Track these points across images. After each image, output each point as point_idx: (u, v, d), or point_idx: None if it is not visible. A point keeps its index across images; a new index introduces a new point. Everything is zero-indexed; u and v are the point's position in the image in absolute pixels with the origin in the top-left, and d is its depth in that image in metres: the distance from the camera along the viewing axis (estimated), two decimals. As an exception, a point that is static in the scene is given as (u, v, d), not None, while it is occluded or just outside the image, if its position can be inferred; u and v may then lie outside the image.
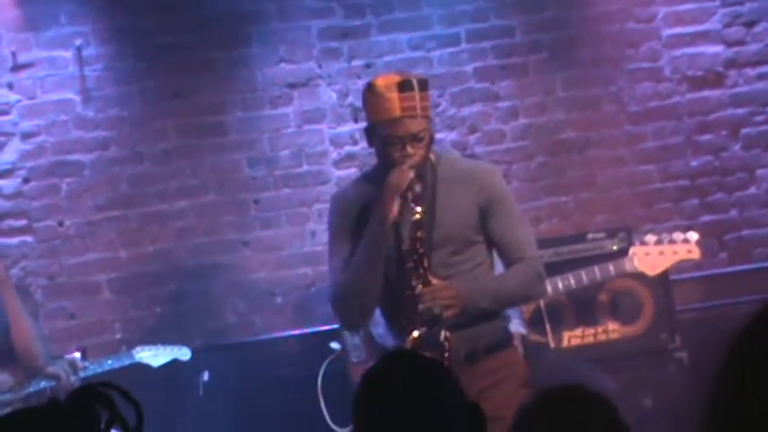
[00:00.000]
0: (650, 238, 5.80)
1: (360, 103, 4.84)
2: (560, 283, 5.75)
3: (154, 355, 5.67)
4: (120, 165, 6.49)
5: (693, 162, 6.79)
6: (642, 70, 6.77)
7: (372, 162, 4.63)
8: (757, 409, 1.57)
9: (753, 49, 6.81)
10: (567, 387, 2.57)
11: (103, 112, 6.47)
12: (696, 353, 5.95)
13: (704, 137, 6.80)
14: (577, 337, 6.03)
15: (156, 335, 6.14)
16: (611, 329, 6.05)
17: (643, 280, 5.95)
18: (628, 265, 5.77)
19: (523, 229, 4.52)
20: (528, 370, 4.62)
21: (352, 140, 6.50)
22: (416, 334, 4.26)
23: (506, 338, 4.54)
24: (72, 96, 6.46)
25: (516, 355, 4.65)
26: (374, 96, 4.32)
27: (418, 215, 4.26)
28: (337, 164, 6.58)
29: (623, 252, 5.87)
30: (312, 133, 6.62)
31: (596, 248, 6.05)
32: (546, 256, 5.97)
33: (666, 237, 5.80)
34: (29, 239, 6.43)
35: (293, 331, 6.46)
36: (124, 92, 6.50)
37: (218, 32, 6.51)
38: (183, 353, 5.76)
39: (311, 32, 6.61)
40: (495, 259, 4.61)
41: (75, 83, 6.45)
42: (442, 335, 4.24)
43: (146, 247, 6.50)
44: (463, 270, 4.38)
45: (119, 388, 2.23)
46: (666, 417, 5.80)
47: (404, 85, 4.30)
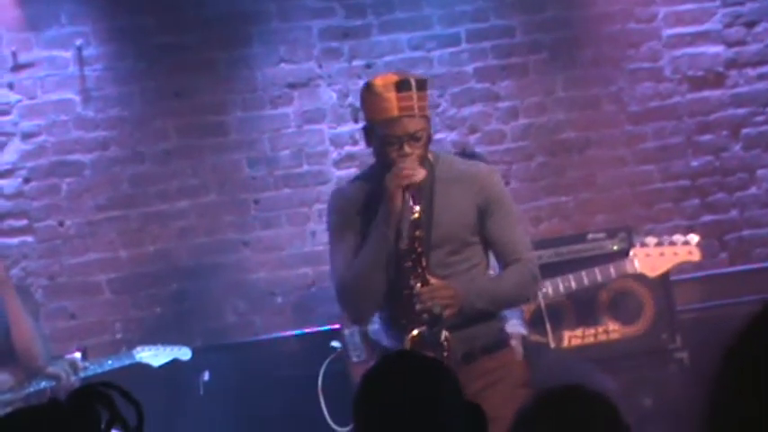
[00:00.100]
0: (651, 239, 5.81)
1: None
2: (561, 285, 5.75)
3: (154, 355, 5.67)
4: (121, 165, 6.49)
5: (694, 162, 6.79)
6: (642, 70, 6.77)
7: (372, 162, 4.63)
8: (757, 408, 1.58)
9: (753, 49, 6.81)
10: (567, 387, 2.57)
11: (104, 111, 6.47)
12: (696, 353, 5.95)
13: (705, 137, 6.79)
14: (578, 338, 6.03)
15: (157, 335, 6.14)
16: (611, 330, 6.05)
17: (643, 280, 5.94)
18: (628, 267, 5.77)
19: (520, 230, 4.53)
20: (525, 370, 4.62)
21: (353, 140, 6.50)
22: (416, 332, 4.25)
23: (503, 339, 4.54)
24: (72, 96, 6.46)
25: (513, 355, 4.65)
26: (372, 96, 4.31)
27: (417, 214, 4.25)
28: (337, 164, 6.58)
29: (624, 253, 5.87)
30: (312, 133, 6.61)
31: (596, 249, 6.05)
32: (546, 256, 5.98)
33: (667, 239, 5.81)
34: (29, 239, 6.43)
35: (293, 331, 6.45)
36: (124, 92, 6.50)
37: (218, 32, 6.51)
38: (183, 353, 5.76)
39: (312, 32, 6.61)
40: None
41: (75, 83, 6.45)
42: (442, 335, 4.24)
43: (146, 248, 6.50)
44: (460, 270, 4.38)
45: (119, 388, 2.23)
46: (667, 417, 5.79)
47: (402, 85, 4.29)
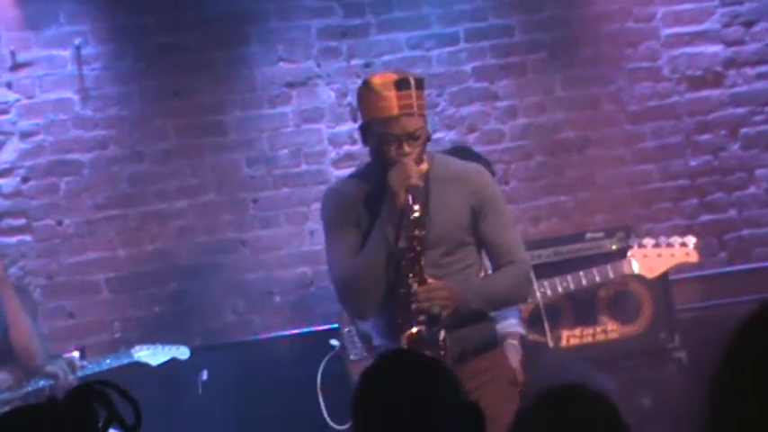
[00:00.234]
0: (648, 240, 5.82)
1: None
2: (559, 285, 5.75)
3: (152, 354, 5.66)
4: (120, 164, 6.49)
5: (693, 162, 6.79)
6: (641, 70, 6.77)
7: (368, 161, 4.62)
8: (756, 408, 1.57)
9: (752, 48, 6.81)
10: (567, 387, 2.56)
11: (102, 111, 6.47)
12: (695, 353, 5.95)
13: (703, 136, 6.79)
14: (576, 337, 6.03)
15: (155, 334, 6.13)
16: (610, 329, 6.05)
17: (642, 280, 5.94)
18: (626, 268, 5.78)
19: (513, 231, 4.53)
20: (515, 370, 4.63)
21: (351, 140, 6.49)
22: (415, 330, 4.25)
23: (494, 340, 4.55)
24: (71, 95, 6.45)
25: (503, 355, 4.67)
26: (371, 94, 4.30)
27: (417, 213, 4.24)
28: (336, 163, 6.58)
29: (622, 253, 5.88)
30: (311, 133, 6.61)
31: (595, 248, 6.05)
32: (545, 255, 5.99)
33: (664, 240, 5.81)
34: (28, 238, 6.43)
35: (292, 330, 6.45)
36: (123, 91, 6.49)
37: (217, 32, 6.51)
38: (181, 352, 5.76)
39: (310, 32, 6.61)
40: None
41: (74, 82, 6.45)
42: (441, 334, 4.24)
43: (145, 247, 6.49)
44: (454, 271, 4.38)
45: (117, 387, 2.22)
46: (665, 416, 5.79)
47: (401, 84, 4.28)
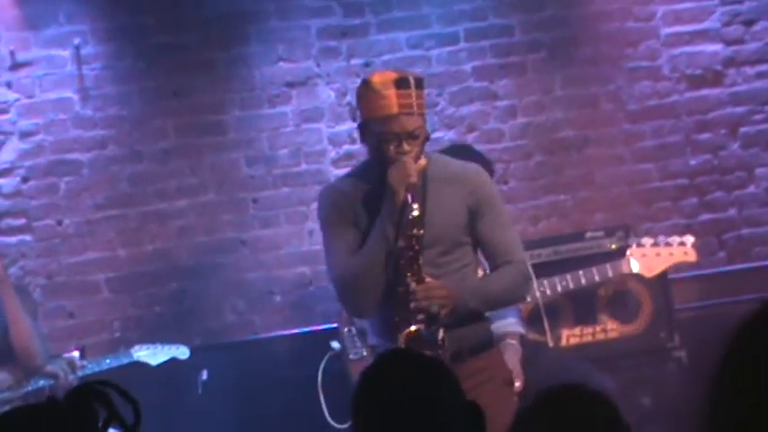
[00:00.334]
0: (647, 240, 5.83)
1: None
2: (558, 285, 5.76)
3: (152, 354, 5.66)
4: (120, 164, 6.48)
5: (692, 161, 6.78)
6: (641, 69, 6.76)
7: (364, 160, 4.62)
8: (756, 407, 1.57)
9: (752, 47, 6.81)
10: (566, 386, 2.56)
11: (102, 111, 6.47)
12: (695, 352, 5.95)
13: (703, 135, 6.79)
14: (576, 336, 6.03)
15: (155, 334, 6.13)
16: (609, 328, 6.05)
17: (642, 279, 5.94)
18: (625, 267, 5.79)
19: (511, 231, 4.53)
20: (509, 369, 4.65)
21: (351, 139, 6.49)
22: (413, 329, 4.25)
23: (490, 340, 4.56)
24: (71, 95, 6.45)
25: (499, 355, 4.67)
26: (370, 93, 4.30)
27: (416, 212, 4.24)
28: (336, 163, 6.57)
29: (621, 252, 5.88)
30: (311, 132, 6.61)
31: (594, 247, 6.05)
32: (545, 254, 6.00)
33: (663, 239, 5.82)
34: (27, 238, 6.43)
35: (292, 330, 6.45)
36: (123, 91, 6.49)
37: (217, 32, 6.51)
38: (181, 352, 5.75)
39: (310, 31, 6.60)
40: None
41: (73, 82, 6.45)
42: (440, 333, 4.24)
43: (145, 247, 6.49)
44: (451, 270, 4.38)
45: (116, 386, 2.22)
46: (665, 416, 5.79)
47: (401, 83, 4.29)
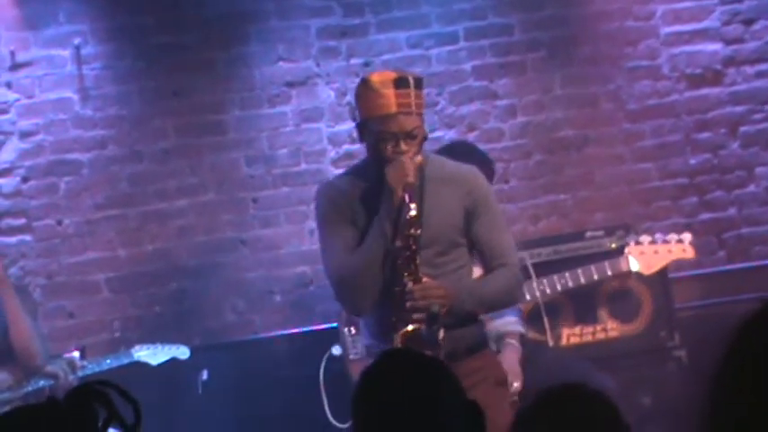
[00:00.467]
0: (645, 237, 5.83)
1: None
2: (558, 283, 5.76)
3: (153, 354, 5.66)
4: (119, 164, 6.48)
5: (692, 160, 6.78)
6: (641, 68, 6.76)
7: (362, 158, 4.62)
8: (757, 406, 1.57)
9: (751, 46, 6.80)
10: (567, 386, 2.56)
11: (102, 111, 6.47)
12: (695, 351, 5.95)
13: (703, 135, 6.79)
14: (576, 336, 6.03)
15: (155, 334, 6.13)
16: (609, 328, 6.05)
17: (642, 278, 5.95)
18: (623, 265, 5.80)
19: (506, 234, 4.53)
20: (503, 369, 4.66)
21: (351, 139, 6.49)
22: (411, 328, 4.25)
23: (485, 340, 4.58)
24: (70, 95, 6.45)
25: (492, 355, 4.68)
26: (369, 92, 4.31)
27: (413, 212, 4.24)
28: (335, 162, 6.57)
29: (620, 251, 5.88)
30: (310, 132, 6.61)
31: (594, 246, 6.05)
32: (544, 254, 6.00)
33: (661, 237, 5.83)
34: (27, 238, 6.43)
35: (292, 330, 6.45)
36: (123, 91, 6.49)
37: (216, 31, 6.51)
38: (181, 351, 5.75)
39: (310, 31, 6.60)
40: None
41: (73, 82, 6.45)
42: (440, 333, 4.24)
43: (145, 246, 6.49)
44: (447, 271, 4.38)
45: (116, 386, 2.22)
46: (665, 415, 5.79)
47: (400, 82, 4.29)
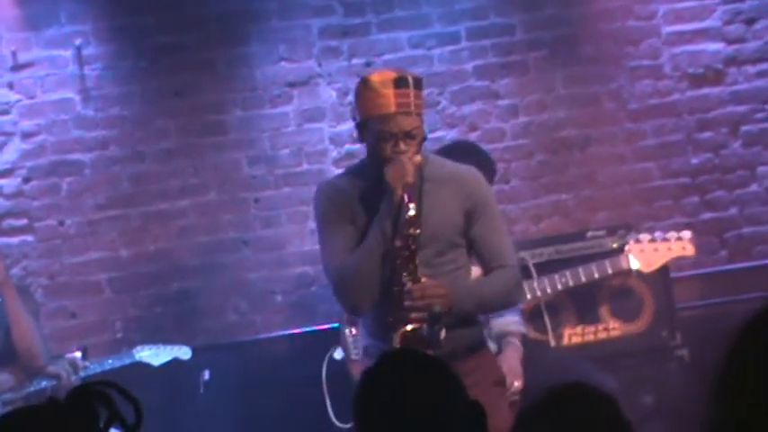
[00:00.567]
0: (644, 235, 5.84)
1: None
2: (558, 282, 5.76)
3: (154, 355, 5.66)
4: (121, 164, 6.49)
5: (694, 159, 6.78)
6: (642, 68, 6.76)
7: (362, 158, 4.62)
8: (757, 406, 1.57)
9: (753, 46, 6.80)
10: (568, 386, 2.56)
11: (104, 111, 6.47)
12: (697, 350, 5.95)
13: (704, 134, 6.79)
14: (578, 336, 6.03)
15: (157, 334, 6.14)
16: (611, 327, 6.05)
17: (643, 278, 5.95)
18: (624, 263, 5.80)
19: (505, 236, 4.54)
20: (500, 369, 4.67)
21: (352, 139, 6.47)
22: (410, 327, 4.25)
23: (482, 341, 4.59)
24: (72, 96, 6.46)
25: (490, 356, 4.68)
26: (369, 92, 4.31)
27: (412, 211, 4.24)
28: (337, 163, 6.57)
29: (621, 249, 5.88)
30: (312, 132, 6.61)
31: (596, 246, 6.04)
32: (546, 253, 6.00)
33: (660, 234, 5.83)
34: (29, 239, 6.43)
35: (294, 330, 6.45)
36: (124, 91, 6.49)
37: (218, 31, 6.51)
38: (183, 352, 5.76)
39: (311, 31, 6.60)
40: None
41: (75, 82, 6.45)
42: (442, 333, 4.23)
43: (146, 247, 6.49)
44: (445, 271, 4.38)
45: (118, 386, 2.22)
46: (667, 415, 5.79)
47: (399, 82, 4.29)
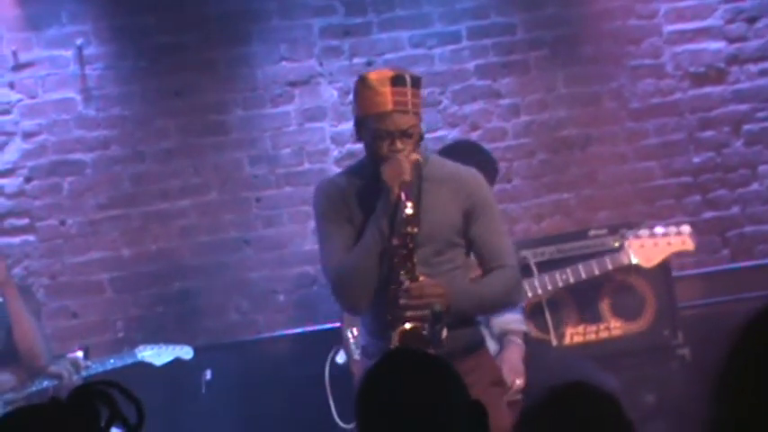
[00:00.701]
0: (644, 231, 5.84)
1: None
2: (559, 279, 5.76)
3: (156, 354, 5.67)
4: (122, 164, 6.49)
5: (695, 158, 6.78)
6: (644, 67, 6.76)
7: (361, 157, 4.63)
8: (758, 405, 1.57)
9: (754, 45, 6.80)
10: (570, 385, 2.56)
11: (105, 111, 6.48)
12: (698, 350, 5.95)
13: (706, 133, 6.78)
14: (579, 335, 6.03)
15: (159, 334, 6.14)
16: (613, 326, 6.05)
17: (645, 276, 5.95)
18: (624, 258, 5.80)
19: (505, 236, 4.54)
20: (498, 368, 4.68)
21: (354, 138, 6.46)
22: (408, 326, 4.24)
23: (481, 340, 4.59)
24: (73, 95, 6.46)
25: (488, 356, 4.68)
26: (366, 90, 4.32)
27: (410, 210, 4.24)
28: (338, 162, 6.57)
29: (621, 246, 5.89)
30: (313, 131, 6.61)
31: (598, 245, 6.04)
32: (548, 252, 6.00)
33: (660, 230, 5.83)
34: (31, 239, 6.43)
35: (296, 329, 6.46)
36: (125, 91, 6.50)
37: (219, 31, 6.51)
38: (185, 351, 5.76)
39: (312, 30, 6.60)
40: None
41: (76, 82, 6.45)
42: (444, 333, 4.23)
43: (148, 246, 6.50)
44: (444, 271, 4.38)
45: (119, 386, 2.22)
46: (669, 414, 5.79)
47: (397, 80, 4.30)
